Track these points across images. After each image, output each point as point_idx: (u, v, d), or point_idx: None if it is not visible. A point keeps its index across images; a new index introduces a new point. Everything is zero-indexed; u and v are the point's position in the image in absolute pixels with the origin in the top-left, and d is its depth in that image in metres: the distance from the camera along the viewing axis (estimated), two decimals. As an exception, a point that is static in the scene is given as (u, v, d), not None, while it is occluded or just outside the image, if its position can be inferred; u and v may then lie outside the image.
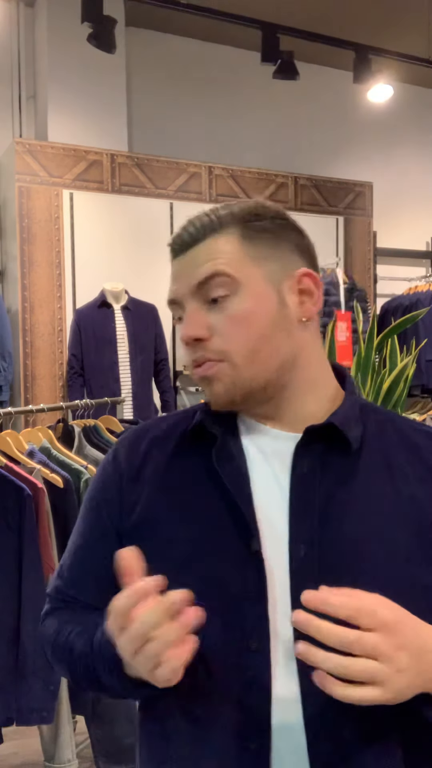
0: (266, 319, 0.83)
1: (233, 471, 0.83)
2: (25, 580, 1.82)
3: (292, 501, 0.81)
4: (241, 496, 0.82)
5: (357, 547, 0.79)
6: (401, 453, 0.86)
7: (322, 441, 0.83)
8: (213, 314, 0.83)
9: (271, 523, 0.81)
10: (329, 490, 0.82)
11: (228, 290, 0.82)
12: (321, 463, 0.83)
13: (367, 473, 0.83)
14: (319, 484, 0.82)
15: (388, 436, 0.87)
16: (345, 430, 0.83)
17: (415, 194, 6.48)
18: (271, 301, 0.84)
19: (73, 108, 4.90)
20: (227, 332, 0.82)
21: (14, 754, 2.55)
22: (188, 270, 0.84)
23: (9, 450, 1.99)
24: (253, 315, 0.83)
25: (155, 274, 4.87)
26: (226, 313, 0.82)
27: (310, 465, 0.82)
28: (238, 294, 0.82)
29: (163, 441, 0.91)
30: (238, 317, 0.82)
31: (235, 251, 0.83)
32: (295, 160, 5.71)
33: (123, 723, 2.09)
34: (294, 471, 0.82)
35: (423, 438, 0.88)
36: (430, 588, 0.78)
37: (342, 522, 0.80)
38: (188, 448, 0.88)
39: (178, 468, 0.88)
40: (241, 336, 0.82)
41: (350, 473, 0.83)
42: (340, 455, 0.83)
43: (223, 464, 0.84)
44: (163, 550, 0.82)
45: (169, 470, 0.88)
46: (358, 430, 0.85)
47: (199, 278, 0.83)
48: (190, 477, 0.86)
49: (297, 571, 0.78)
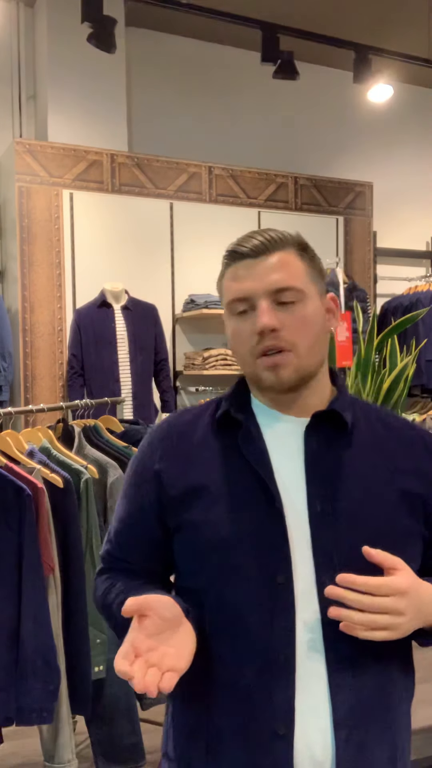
0: (319, 324, 1.08)
1: (256, 450, 1.06)
2: (25, 580, 1.83)
3: (307, 469, 1.05)
4: (263, 469, 1.04)
5: (357, 502, 1.04)
6: (383, 432, 1.12)
7: (325, 423, 1.08)
8: (282, 313, 1.04)
9: (290, 487, 1.04)
10: (334, 460, 1.06)
11: (296, 298, 1.05)
12: (326, 440, 1.07)
13: (359, 448, 1.09)
14: (326, 456, 1.06)
15: (372, 421, 1.13)
16: (342, 414, 1.08)
17: (415, 194, 6.48)
18: (321, 312, 1.09)
19: (73, 108, 4.90)
20: (295, 328, 1.04)
21: (14, 754, 2.55)
22: (263, 275, 1.04)
23: (9, 450, 1.99)
24: (313, 319, 1.06)
25: (155, 274, 4.88)
26: (294, 314, 1.04)
27: (318, 442, 1.07)
28: (303, 302, 1.05)
29: (192, 428, 1.12)
30: (303, 318, 1.05)
31: (300, 268, 1.06)
32: (295, 160, 5.71)
33: (123, 723, 2.09)
34: (307, 447, 1.06)
35: (397, 422, 1.16)
36: (410, 531, 1.07)
37: (345, 483, 1.05)
38: (216, 432, 1.10)
39: (210, 449, 1.09)
40: (305, 333, 1.05)
41: (347, 448, 1.08)
42: (339, 435, 1.08)
43: (247, 445, 1.06)
44: (204, 514, 1.04)
45: (201, 451, 1.09)
46: (350, 416, 1.10)
47: (278, 286, 1.04)
48: (221, 456, 1.07)
49: (315, 521, 1.02)
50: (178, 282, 4.94)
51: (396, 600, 0.93)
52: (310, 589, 1.00)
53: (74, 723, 2.26)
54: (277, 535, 1.01)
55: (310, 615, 1.00)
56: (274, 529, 1.02)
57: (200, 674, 1.02)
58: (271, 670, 0.99)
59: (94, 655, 1.97)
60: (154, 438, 1.14)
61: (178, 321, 4.97)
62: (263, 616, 1.00)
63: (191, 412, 1.16)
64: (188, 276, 4.90)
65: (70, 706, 1.95)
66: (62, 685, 1.90)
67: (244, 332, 1.06)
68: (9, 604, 1.82)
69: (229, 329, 1.10)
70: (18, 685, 1.81)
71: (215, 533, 1.02)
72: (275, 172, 5.33)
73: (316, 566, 1.00)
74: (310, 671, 0.99)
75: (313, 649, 0.99)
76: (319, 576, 1.00)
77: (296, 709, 0.98)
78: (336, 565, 0.99)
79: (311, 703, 0.99)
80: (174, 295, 4.94)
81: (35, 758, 2.45)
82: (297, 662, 0.99)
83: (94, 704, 2.01)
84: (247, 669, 1.00)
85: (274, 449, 1.07)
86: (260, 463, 1.05)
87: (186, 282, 4.90)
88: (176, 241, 4.93)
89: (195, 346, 5.00)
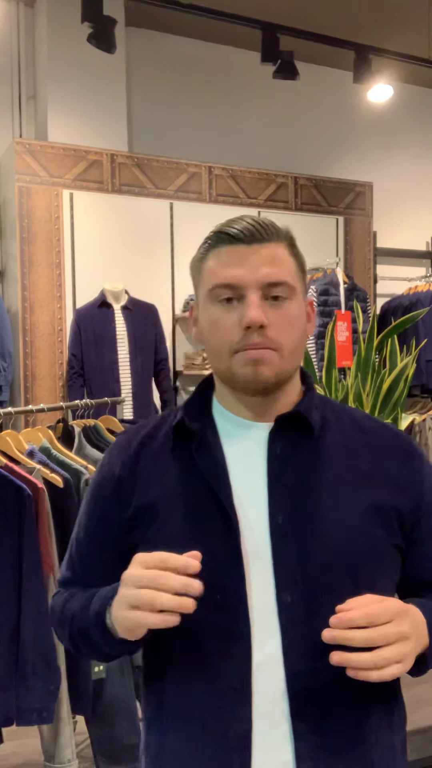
0: (302, 326, 1.01)
1: (211, 461, 0.98)
2: (25, 580, 1.82)
3: (270, 478, 0.96)
4: (217, 483, 0.96)
5: (324, 513, 0.95)
6: (356, 436, 1.03)
7: (290, 428, 0.99)
8: (270, 309, 0.96)
9: (251, 499, 0.96)
10: (299, 468, 0.98)
11: (286, 294, 0.97)
12: (291, 445, 0.99)
13: (329, 453, 1.00)
14: (290, 462, 0.97)
15: (344, 423, 1.04)
16: (307, 416, 0.99)
17: (415, 194, 6.48)
18: (304, 314, 1.02)
19: (73, 108, 4.90)
20: (283, 327, 0.96)
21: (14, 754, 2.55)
22: (255, 264, 0.95)
23: (9, 450, 1.99)
24: (298, 320, 0.99)
25: (155, 274, 4.88)
26: (282, 312, 0.96)
27: (282, 447, 0.98)
28: (291, 300, 0.98)
29: (150, 440, 1.04)
30: (291, 317, 0.97)
31: (293, 264, 0.99)
32: (295, 160, 5.71)
33: (123, 723, 2.09)
34: (270, 454, 0.98)
35: (373, 424, 1.06)
36: (381, 543, 0.97)
37: (311, 493, 0.96)
38: (173, 445, 1.02)
39: (165, 463, 1.01)
40: (290, 333, 0.97)
41: (315, 453, 0.99)
42: (306, 439, 0.99)
43: (201, 456, 0.98)
44: (157, 533, 0.96)
45: (157, 465, 1.01)
46: (318, 417, 1.01)
47: (271, 280, 0.95)
48: (177, 470, 0.99)
49: (275, 535, 0.94)
50: (178, 282, 4.94)
51: (398, 624, 0.84)
52: (270, 609, 0.92)
53: (74, 723, 2.26)
54: (230, 552, 0.93)
55: (268, 637, 0.92)
56: (227, 547, 0.93)
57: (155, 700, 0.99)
58: (226, 698, 0.92)
59: (94, 655, 1.97)
60: (113, 453, 1.07)
61: (178, 321, 4.97)
62: (218, 641, 0.92)
63: (152, 422, 1.08)
64: (188, 276, 4.77)
65: (70, 706, 1.95)
66: (62, 685, 1.90)
67: (225, 323, 0.96)
68: (9, 604, 1.82)
69: (206, 317, 0.99)
70: (18, 685, 1.81)
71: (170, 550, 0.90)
72: (275, 172, 5.33)
73: (276, 584, 0.92)
74: (270, 698, 0.91)
75: (272, 675, 0.91)
76: (280, 595, 0.92)
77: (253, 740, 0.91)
78: (298, 582, 0.92)
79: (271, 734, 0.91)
80: (174, 295, 4.94)
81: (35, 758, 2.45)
82: (254, 690, 0.91)
83: (94, 704, 2.01)
84: (202, 696, 0.93)
85: (235, 459, 0.98)
86: (214, 475, 0.96)
87: (186, 282, 4.86)
88: (176, 241, 4.93)
89: (195, 346, 5.01)
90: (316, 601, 0.91)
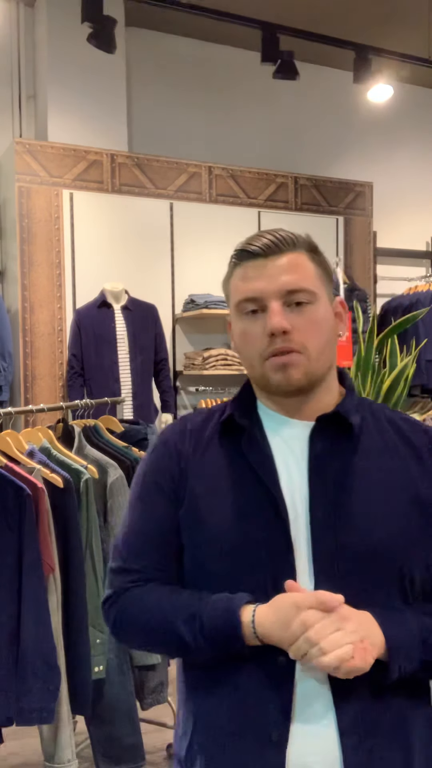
0: (329, 327, 1.06)
1: (260, 456, 1.05)
2: (25, 580, 1.82)
3: (311, 475, 1.03)
4: (267, 476, 1.03)
5: (361, 509, 1.01)
6: (393, 436, 1.09)
7: (331, 427, 1.05)
8: (293, 315, 1.02)
9: (294, 494, 1.02)
10: (339, 466, 1.04)
11: (307, 300, 1.03)
12: (331, 444, 1.05)
13: (368, 452, 1.06)
14: (331, 461, 1.04)
15: (382, 423, 1.10)
16: (348, 416, 1.05)
17: (415, 194, 6.47)
18: (331, 315, 1.08)
19: (73, 108, 4.90)
20: (307, 330, 1.02)
21: (14, 754, 2.55)
22: (275, 275, 1.02)
23: (9, 450, 1.99)
24: (324, 322, 1.05)
25: (155, 274, 4.87)
26: (305, 316, 1.03)
27: (323, 446, 1.04)
28: (314, 304, 1.04)
29: (199, 432, 1.11)
30: (315, 321, 1.03)
31: (312, 270, 1.05)
32: (295, 160, 5.71)
33: (123, 723, 2.09)
34: (311, 451, 1.04)
35: (405, 423, 1.12)
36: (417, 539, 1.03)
37: (351, 490, 1.02)
38: (221, 438, 1.08)
39: (214, 455, 1.07)
40: (316, 336, 1.03)
41: (355, 452, 1.05)
42: (346, 439, 1.05)
43: (251, 450, 1.05)
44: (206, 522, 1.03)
45: (206, 457, 1.08)
46: (358, 418, 1.07)
47: (290, 287, 1.02)
48: (225, 462, 1.06)
49: (316, 528, 1.00)
50: (178, 282, 4.94)
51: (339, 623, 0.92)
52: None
53: (74, 723, 2.26)
54: (281, 542, 1.00)
55: None
56: (279, 537, 1.00)
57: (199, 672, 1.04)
58: (270, 675, 0.98)
59: (94, 655, 1.97)
60: (169, 438, 1.12)
61: (178, 321, 4.97)
62: None
63: (201, 415, 1.14)
64: (188, 276, 4.90)
65: (70, 706, 1.95)
66: (62, 685, 1.90)
67: (253, 333, 1.03)
68: (9, 604, 1.82)
69: (237, 330, 1.07)
70: (18, 685, 1.81)
71: (220, 541, 1.01)
72: (275, 172, 5.32)
73: (315, 574, 0.99)
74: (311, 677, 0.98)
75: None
76: (318, 585, 0.98)
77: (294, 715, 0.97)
78: (336, 574, 0.98)
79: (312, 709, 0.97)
80: (174, 295, 4.94)
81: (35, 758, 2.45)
82: (297, 667, 0.98)
83: (94, 704, 2.01)
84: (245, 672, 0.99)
85: (280, 454, 1.05)
86: (264, 469, 1.03)
87: (186, 282, 4.90)
88: (176, 241, 4.93)
89: (195, 346, 5.00)
90: (352, 591, 0.97)
